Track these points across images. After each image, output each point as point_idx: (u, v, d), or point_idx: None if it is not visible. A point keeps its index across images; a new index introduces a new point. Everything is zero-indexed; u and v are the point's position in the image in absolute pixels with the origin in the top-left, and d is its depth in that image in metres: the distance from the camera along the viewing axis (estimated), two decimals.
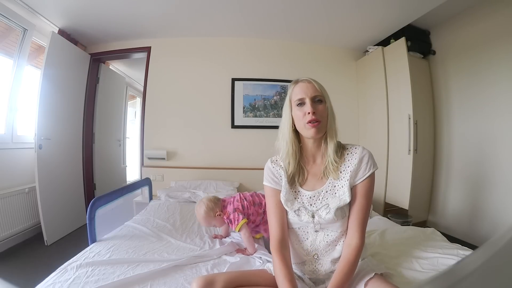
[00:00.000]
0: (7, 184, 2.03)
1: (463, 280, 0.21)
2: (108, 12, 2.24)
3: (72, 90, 2.60)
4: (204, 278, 0.76)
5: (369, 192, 0.81)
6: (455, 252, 1.06)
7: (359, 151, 0.82)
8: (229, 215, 1.23)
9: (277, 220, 0.85)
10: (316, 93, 0.80)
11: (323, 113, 0.79)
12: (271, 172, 0.89)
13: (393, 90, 2.42)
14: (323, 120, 0.79)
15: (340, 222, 0.81)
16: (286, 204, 0.84)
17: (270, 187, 0.88)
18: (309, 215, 0.82)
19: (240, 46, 2.80)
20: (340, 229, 0.82)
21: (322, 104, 0.80)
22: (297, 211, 0.83)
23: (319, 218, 0.81)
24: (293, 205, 0.84)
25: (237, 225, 1.19)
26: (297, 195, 0.85)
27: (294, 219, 0.84)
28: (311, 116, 0.77)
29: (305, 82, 0.82)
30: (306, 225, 0.84)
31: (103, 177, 3.13)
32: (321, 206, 0.82)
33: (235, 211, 1.23)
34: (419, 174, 2.29)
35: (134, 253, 1.12)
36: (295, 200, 0.85)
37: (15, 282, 1.47)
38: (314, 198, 0.83)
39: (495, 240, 0.25)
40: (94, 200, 1.26)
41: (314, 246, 0.84)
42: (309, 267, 0.86)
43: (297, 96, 0.81)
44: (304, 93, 0.80)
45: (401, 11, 2.16)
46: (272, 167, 0.89)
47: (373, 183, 0.82)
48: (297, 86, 0.83)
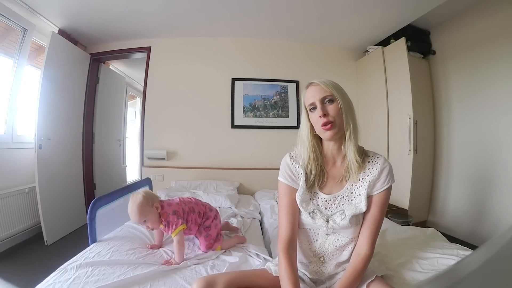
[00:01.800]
0: (7, 184, 2.02)
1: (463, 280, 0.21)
2: (108, 12, 2.24)
3: (72, 90, 2.60)
4: (204, 279, 0.76)
5: (384, 205, 0.80)
6: (455, 252, 1.06)
7: (381, 162, 0.80)
8: (167, 217, 1.11)
9: (288, 220, 0.82)
10: (324, 94, 0.77)
11: (335, 113, 0.76)
12: (289, 168, 0.85)
13: (393, 90, 2.42)
14: (337, 119, 0.76)
15: (353, 228, 0.81)
16: (301, 204, 0.81)
17: (285, 184, 0.84)
18: (323, 219, 0.81)
19: (240, 46, 2.80)
20: (351, 236, 0.81)
21: (334, 104, 0.77)
22: (312, 213, 0.81)
23: (334, 223, 0.80)
24: (308, 206, 0.82)
25: (174, 229, 1.10)
26: (313, 197, 0.83)
27: (308, 220, 0.82)
28: (322, 119, 0.76)
29: (313, 85, 0.80)
30: (318, 227, 0.82)
31: (103, 177, 3.12)
32: (336, 211, 0.81)
33: (174, 214, 1.12)
34: (419, 174, 2.29)
35: (135, 254, 1.12)
36: (310, 201, 0.83)
37: (15, 282, 1.47)
38: (330, 202, 0.82)
39: (495, 240, 0.25)
40: (95, 200, 1.26)
41: (323, 249, 0.83)
42: (314, 267, 0.86)
43: (309, 101, 0.80)
44: (313, 97, 0.78)
45: (401, 11, 2.16)
46: (290, 163, 0.85)
47: (389, 196, 0.81)
48: (308, 90, 0.81)
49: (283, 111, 2.80)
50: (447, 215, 2.37)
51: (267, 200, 2.10)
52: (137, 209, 1.07)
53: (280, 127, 2.74)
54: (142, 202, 1.08)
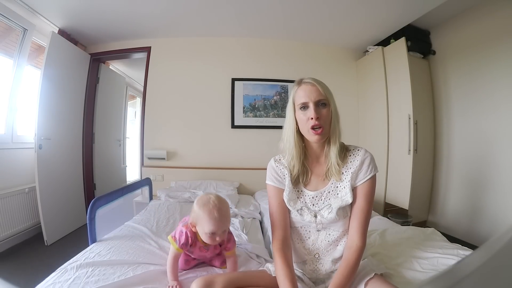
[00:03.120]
0: (7, 184, 2.02)
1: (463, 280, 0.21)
2: (108, 12, 2.24)
3: (72, 90, 2.59)
4: (203, 280, 0.76)
5: (369, 194, 0.81)
6: (455, 252, 1.06)
7: (361, 154, 0.82)
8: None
9: (279, 220, 0.85)
10: (320, 97, 0.78)
11: (326, 118, 0.78)
12: (275, 171, 0.88)
13: (393, 90, 2.42)
14: (326, 125, 0.78)
15: (342, 221, 0.82)
16: (289, 203, 0.84)
17: (273, 186, 0.88)
18: (311, 215, 0.83)
19: (240, 46, 2.80)
20: (341, 229, 0.83)
21: (326, 108, 0.78)
22: (300, 210, 0.84)
23: (321, 217, 0.82)
24: (296, 204, 0.84)
25: (234, 245, 0.99)
26: (300, 195, 0.86)
27: (297, 218, 0.85)
28: (314, 121, 0.76)
29: (308, 85, 0.80)
30: (308, 224, 0.84)
31: (103, 177, 3.12)
32: (323, 206, 0.83)
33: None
34: (419, 174, 2.29)
35: (135, 255, 1.12)
36: (297, 199, 0.85)
37: (15, 282, 1.47)
38: (316, 198, 0.84)
39: (495, 240, 0.25)
40: (95, 200, 1.26)
41: (316, 245, 0.85)
42: (310, 266, 0.86)
43: (301, 100, 0.79)
44: (308, 97, 0.78)
45: (401, 11, 2.16)
46: (275, 166, 0.89)
47: (373, 186, 0.82)
48: (300, 88, 0.81)
49: (283, 111, 2.79)
50: (447, 215, 2.37)
51: (267, 200, 2.07)
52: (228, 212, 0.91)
53: (280, 127, 2.66)
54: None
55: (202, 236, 0.91)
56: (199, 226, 0.90)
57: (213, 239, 0.88)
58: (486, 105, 2.09)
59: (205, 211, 0.87)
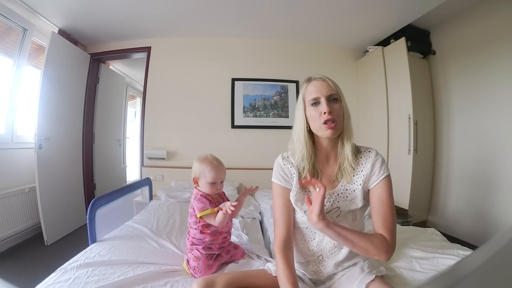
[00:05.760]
0: (7, 184, 2.02)
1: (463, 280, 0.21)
2: (108, 12, 2.24)
3: (72, 90, 2.60)
4: (204, 280, 0.76)
5: (387, 193, 0.77)
6: (455, 252, 1.06)
7: (373, 156, 0.80)
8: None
9: (283, 220, 0.82)
10: (331, 91, 0.76)
11: (339, 113, 0.76)
12: (282, 169, 0.85)
13: (393, 90, 2.42)
14: (340, 119, 0.76)
15: (349, 225, 0.80)
16: (296, 203, 0.81)
17: (279, 185, 0.84)
18: None
19: (240, 46, 2.80)
20: None
21: (338, 103, 0.77)
22: (307, 211, 0.81)
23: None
24: (303, 205, 0.81)
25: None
26: (308, 195, 0.83)
27: (303, 219, 0.82)
28: (327, 116, 0.73)
29: (319, 80, 0.78)
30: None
31: (103, 177, 3.12)
32: (331, 208, 0.81)
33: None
34: (419, 174, 2.29)
35: (135, 254, 1.12)
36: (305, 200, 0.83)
37: (15, 282, 1.46)
38: (325, 199, 0.80)
39: (495, 240, 0.25)
40: (95, 200, 1.26)
41: (320, 247, 0.83)
42: (312, 267, 0.85)
43: (312, 95, 0.77)
44: (319, 92, 0.76)
45: (401, 11, 2.16)
46: (283, 164, 0.85)
47: (390, 185, 0.79)
48: (311, 84, 0.79)
49: (283, 111, 2.80)
50: (447, 215, 2.37)
51: (267, 200, 2.09)
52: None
53: (280, 127, 2.74)
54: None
55: (204, 188, 1.02)
56: (201, 179, 1.01)
57: (215, 188, 1.02)
58: (486, 105, 2.09)
59: (206, 163, 1.01)
